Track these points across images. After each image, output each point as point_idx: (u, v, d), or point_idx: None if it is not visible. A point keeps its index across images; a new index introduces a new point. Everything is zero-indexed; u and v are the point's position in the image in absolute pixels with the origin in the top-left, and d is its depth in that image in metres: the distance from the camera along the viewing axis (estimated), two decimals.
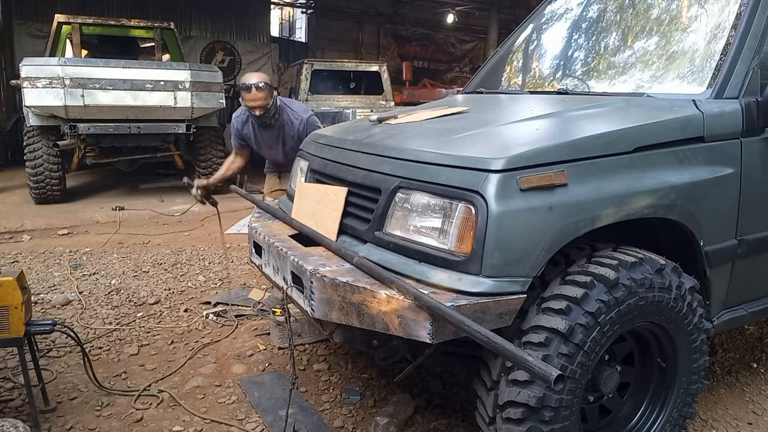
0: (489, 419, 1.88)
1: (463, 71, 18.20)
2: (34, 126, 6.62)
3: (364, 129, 2.51)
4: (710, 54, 2.26)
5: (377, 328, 1.76)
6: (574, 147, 1.83)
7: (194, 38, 14.07)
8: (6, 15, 11.48)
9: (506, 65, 3.46)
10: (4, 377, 2.74)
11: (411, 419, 2.46)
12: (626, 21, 2.76)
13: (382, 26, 17.24)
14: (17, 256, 4.82)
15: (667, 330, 2.00)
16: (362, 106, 9.08)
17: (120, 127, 6.68)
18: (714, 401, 2.68)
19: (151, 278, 4.29)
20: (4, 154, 10.35)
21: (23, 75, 6.11)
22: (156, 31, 8.08)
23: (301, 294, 1.98)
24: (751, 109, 2.14)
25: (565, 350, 1.73)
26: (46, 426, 2.38)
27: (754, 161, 2.16)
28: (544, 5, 3.40)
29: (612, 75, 2.66)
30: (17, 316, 2.19)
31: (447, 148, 1.92)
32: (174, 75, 6.72)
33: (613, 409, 2.12)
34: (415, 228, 1.86)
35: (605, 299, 1.77)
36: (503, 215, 1.67)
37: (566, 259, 1.90)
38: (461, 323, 1.53)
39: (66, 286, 4.09)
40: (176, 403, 2.57)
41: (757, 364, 3.05)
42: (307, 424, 2.42)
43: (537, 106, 2.56)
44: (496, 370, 1.83)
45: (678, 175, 1.97)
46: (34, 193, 6.82)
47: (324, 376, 2.84)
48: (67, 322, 3.37)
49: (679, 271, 1.98)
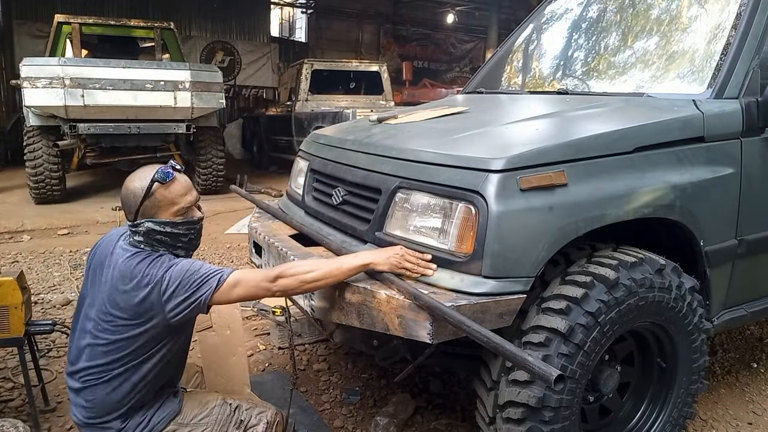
0: (489, 419, 1.88)
1: (463, 71, 18.20)
2: (34, 126, 6.62)
3: (364, 129, 2.51)
4: (710, 54, 2.26)
5: (377, 328, 1.76)
6: (574, 147, 1.83)
7: (194, 38, 14.07)
8: (6, 15, 11.49)
9: (506, 65, 3.46)
10: (4, 377, 2.74)
11: (411, 419, 2.46)
12: (626, 21, 2.76)
13: (382, 26, 17.24)
14: (17, 256, 4.82)
15: (667, 330, 2.00)
16: (362, 106, 9.07)
17: (120, 127, 6.68)
18: (714, 401, 2.68)
19: None
20: (4, 154, 10.35)
21: (23, 75, 6.10)
22: (156, 31, 8.07)
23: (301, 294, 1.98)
24: (751, 109, 2.14)
25: (565, 350, 1.73)
26: (46, 426, 2.38)
27: (754, 161, 2.16)
28: (544, 5, 3.40)
29: (612, 75, 2.66)
30: (17, 316, 2.19)
31: (447, 148, 1.92)
32: (174, 75, 6.71)
33: (613, 409, 2.12)
34: (415, 228, 1.86)
35: (605, 299, 1.76)
36: (503, 215, 1.67)
37: (566, 259, 1.90)
38: (461, 323, 1.53)
39: (66, 286, 4.08)
40: None
41: (757, 364, 3.05)
42: (307, 424, 2.42)
43: (537, 106, 2.57)
44: (496, 370, 1.83)
45: (678, 175, 1.97)
46: (34, 193, 6.82)
47: (324, 376, 2.84)
48: (67, 322, 3.37)
49: (679, 271, 1.98)
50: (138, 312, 1.65)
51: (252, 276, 1.72)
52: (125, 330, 1.67)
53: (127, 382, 1.70)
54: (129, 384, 1.70)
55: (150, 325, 1.66)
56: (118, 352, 1.68)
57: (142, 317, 1.66)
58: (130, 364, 1.69)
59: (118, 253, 1.72)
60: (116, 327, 1.67)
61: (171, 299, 1.64)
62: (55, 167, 6.75)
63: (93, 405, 1.71)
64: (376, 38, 17.22)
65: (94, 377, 1.70)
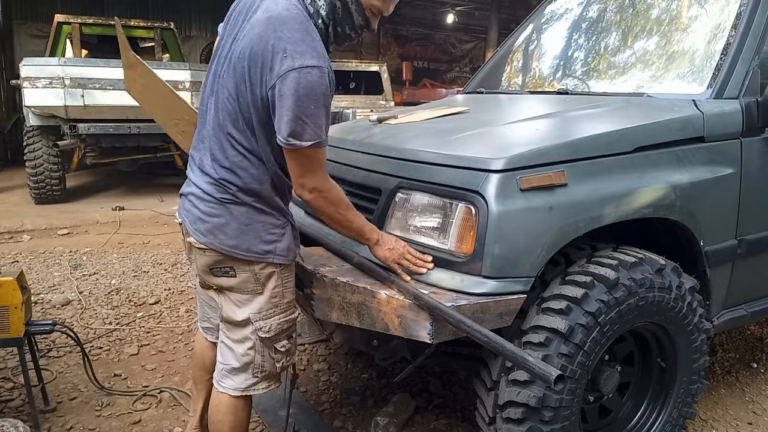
0: (489, 419, 1.88)
1: (463, 71, 18.19)
2: (34, 126, 6.62)
3: (364, 129, 2.51)
4: (710, 54, 2.26)
5: (377, 328, 1.76)
6: (574, 147, 1.83)
7: (194, 38, 14.05)
8: (6, 15, 11.47)
9: (506, 65, 3.46)
10: (4, 377, 2.74)
11: (411, 419, 2.46)
12: (626, 21, 2.76)
13: (382, 26, 17.22)
14: (17, 256, 4.82)
15: (667, 330, 2.00)
16: (362, 106, 9.07)
17: (120, 127, 6.67)
18: (714, 401, 2.68)
19: (151, 278, 4.29)
20: (4, 154, 10.34)
21: (23, 75, 6.10)
22: (156, 31, 8.07)
23: (301, 294, 1.98)
24: (751, 109, 2.14)
25: (565, 350, 1.73)
26: (46, 426, 2.38)
27: (754, 161, 2.16)
28: (544, 5, 3.40)
29: (612, 75, 2.66)
30: (17, 316, 2.19)
31: (447, 148, 1.92)
32: (174, 75, 6.70)
33: (613, 409, 2.12)
34: (415, 228, 1.86)
35: (605, 299, 1.77)
36: (503, 215, 1.67)
37: (566, 259, 1.90)
38: (461, 323, 1.53)
39: (66, 286, 4.09)
40: (176, 403, 2.57)
41: (757, 364, 3.05)
42: (307, 424, 2.42)
43: (537, 106, 2.57)
44: (496, 370, 1.83)
45: (678, 175, 1.97)
46: (34, 193, 6.82)
47: (324, 376, 2.84)
48: (67, 322, 3.37)
49: (679, 271, 1.98)
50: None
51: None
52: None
53: None
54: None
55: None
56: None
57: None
58: None
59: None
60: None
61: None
62: (55, 167, 6.75)
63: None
64: (376, 38, 17.20)
65: None
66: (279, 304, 1.76)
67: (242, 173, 1.64)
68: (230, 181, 1.64)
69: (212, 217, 1.65)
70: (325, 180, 1.66)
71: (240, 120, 1.62)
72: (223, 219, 1.64)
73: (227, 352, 1.79)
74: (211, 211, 1.65)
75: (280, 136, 1.55)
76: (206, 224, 1.65)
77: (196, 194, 1.69)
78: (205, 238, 1.65)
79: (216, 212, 1.65)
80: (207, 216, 1.65)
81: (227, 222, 1.64)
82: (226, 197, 1.64)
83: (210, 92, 1.71)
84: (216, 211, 1.65)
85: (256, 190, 1.66)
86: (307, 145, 1.54)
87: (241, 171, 1.64)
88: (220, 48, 1.73)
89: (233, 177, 1.64)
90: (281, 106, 1.52)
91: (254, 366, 1.77)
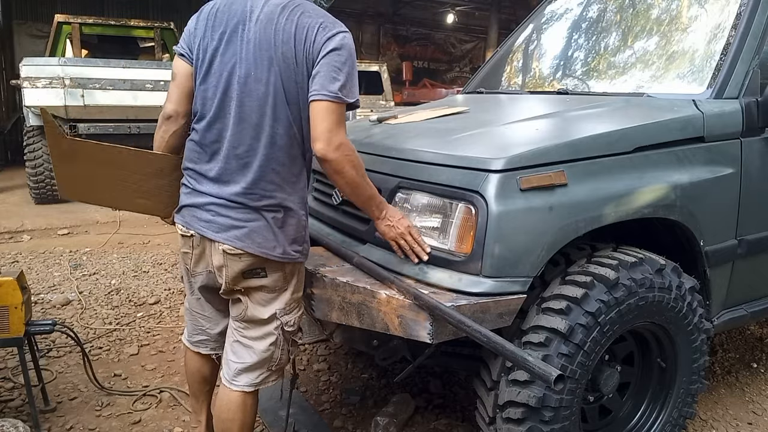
0: (489, 419, 1.88)
1: (463, 71, 18.21)
2: (34, 126, 6.61)
3: (364, 129, 2.51)
4: (710, 54, 2.26)
5: (377, 328, 1.76)
6: (574, 147, 1.83)
7: None
8: (6, 15, 11.47)
9: (506, 65, 3.46)
10: (4, 377, 2.74)
11: (411, 419, 2.46)
12: (626, 21, 2.76)
13: (382, 26, 17.24)
14: (17, 256, 4.82)
15: (667, 330, 2.00)
16: (362, 106, 9.03)
17: (120, 127, 6.67)
18: (714, 401, 2.68)
19: (151, 278, 4.29)
20: (4, 154, 10.35)
21: (23, 75, 6.10)
22: (156, 31, 8.07)
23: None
24: (751, 109, 2.14)
25: (565, 350, 1.73)
26: (46, 426, 2.38)
27: (754, 161, 2.16)
28: (544, 5, 3.40)
29: (612, 75, 2.66)
30: (17, 316, 2.19)
31: (447, 148, 1.92)
32: None
33: (613, 409, 2.12)
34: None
35: (605, 299, 1.77)
36: (503, 215, 1.67)
37: (566, 259, 1.90)
38: (461, 323, 1.53)
39: (66, 286, 4.09)
40: (176, 403, 2.57)
41: (757, 364, 3.05)
42: (307, 424, 2.42)
43: (537, 106, 2.57)
44: (496, 370, 1.83)
45: (678, 175, 1.97)
46: (34, 193, 6.82)
47: (324, 376, 2.84)
48: (67, 322, 3.37)
49: (679, 271, 1.98)
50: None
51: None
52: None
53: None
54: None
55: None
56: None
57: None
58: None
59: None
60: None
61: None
62: None
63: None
64: (376, 38, 17.21)
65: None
66: (298, 299, 1.83)
67: (277, 178, 1.67)
68: (266, 190, 1.66)
69: (249, 222, 1.66)
70: (348, 141, 1.70)
71: (284, 110, 1.65)
72: (261, 222, 1.67)
73: (243, 351, 1.81)
74: (246, 217, 1.67)
75: (327, 90, 1.59)
76: (242, 230, 1.66)
77: (220, 203, 1.68)
78: (243, 243, 1.66)
79: (252, 217, 1.67)
80: (242, 222, 1.66)
81: (265, 225, 1.67)
82: (262, 204, 1.66)
83: (226, 99, 1.67)
84: (252, 216, 1.67)
85: (290, 192, 1.70)
86: (351, 101, 1.64)
87: (276, 176, 1.67)
88: (210, 55, 1.68)
89: (269, 185, 1.67)
90: (329, 63, 1.61)
91: (272, 360, 1.81)
